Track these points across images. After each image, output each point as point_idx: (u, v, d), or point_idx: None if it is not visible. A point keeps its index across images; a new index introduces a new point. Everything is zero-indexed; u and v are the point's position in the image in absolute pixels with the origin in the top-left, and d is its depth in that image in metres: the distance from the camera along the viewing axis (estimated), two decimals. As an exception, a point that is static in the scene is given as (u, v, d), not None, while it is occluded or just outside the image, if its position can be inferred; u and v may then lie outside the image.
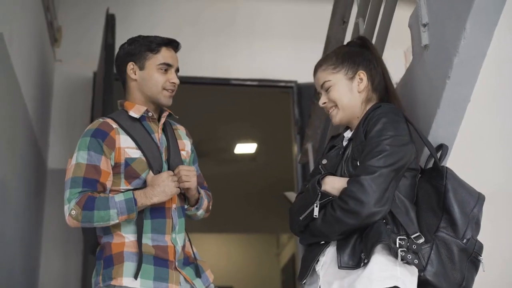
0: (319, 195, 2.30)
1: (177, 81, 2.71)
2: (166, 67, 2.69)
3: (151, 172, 2.62)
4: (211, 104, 6.68)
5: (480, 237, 2.33)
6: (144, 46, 2.71)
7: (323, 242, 2.34)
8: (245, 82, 5.57)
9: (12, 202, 3.98)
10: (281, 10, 5.90)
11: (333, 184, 2.32)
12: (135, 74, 2.71)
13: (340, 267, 2.22)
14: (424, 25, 2.45)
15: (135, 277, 2.56)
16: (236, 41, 5.71)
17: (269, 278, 10.82)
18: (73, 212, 2.52)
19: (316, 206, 2.30)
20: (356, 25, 3.26)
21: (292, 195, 4.09)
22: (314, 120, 4.04)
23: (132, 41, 2.76)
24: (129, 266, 2.59)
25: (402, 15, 3.04)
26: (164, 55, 2.71)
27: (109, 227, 2.62)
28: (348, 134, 2.49)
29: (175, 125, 2.87)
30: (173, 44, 2.75)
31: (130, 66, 2.71)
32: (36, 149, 4.70)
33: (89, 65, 5.29)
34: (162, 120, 2.74)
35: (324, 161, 2.49)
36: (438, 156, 2.43)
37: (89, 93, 5.33)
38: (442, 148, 2.46)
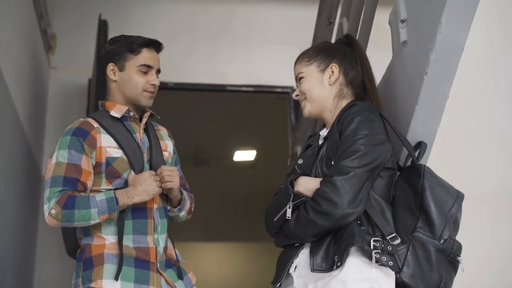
0: (292, 196, 2.25)
1: (157, 82, 2.68)
2: (146, 68, 2.65)
3: (132, 171, 2.59)
4: (208, 111, 6.65)
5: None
6: (125, 47, 2.68)
7: (297, 244, 2.28)
8: (241, 88, 5.54)
9: (4, 210, 3.96)
10: (277, 15, 5.87)
11: (306, 185, 2.27)
12: (115, 75, 2.68)
13: (313, 270, 2.16)
14: (403, 21, 2.41)
15: (116, 278, 2.52)
16: (233, 47, 5.68)
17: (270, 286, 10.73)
18: (53, 211, 2.48)
19: (289, 207, 2.24)
20: (340, 24, 3.23)
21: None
22: (303, 123, 4.01)
23: (113, 41, 2.74)
24: (109, 268, 2.55)
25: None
26: (145, 56, 2.67)
27: (89, 229, 2.58)
28: (324, 132, 2.45)
29: (157, 126, 2.85)
30: (155, 45, 2.71)
31: (110, 67, 2.68)
32: (29, 155, 4.69)
33: (84, 72, 5.28)
34: (144, 120, 2.71)
35: (300, 161, 2.44)
36: (417, 154, 2.38)
37: (84, 100, 5.30)
38: (421, 146, 2.41)
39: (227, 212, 8.37)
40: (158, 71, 2.72)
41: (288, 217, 2.24)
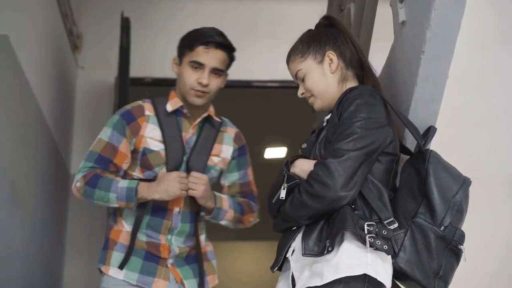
0: (286, 177, 2.22)
1: (205, 81, 2.63)
2: (197, 65, 2.63)
3: (164, 168, 2.59)
4: (235, 107, 6.64)
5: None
6: (186, 42, 2.70)
7: (294, 228, 2.25)
8: (267, 84, 5.52)
9: (32, 208, 4.01)
10: (303, 12, 5.82)
11: (302, 167, 2.24)
12: (176, 69, 2.72)
13: (304, 254, 2.12)
14: (401, 1, 2.36)
15: (121, 268, 2.55)
16: (259, 43, 5.67)
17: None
18: (78, 184, 2.61)
19: (284, 189, 2.21)
20: (348, 10, 3.19)
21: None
22: (319, 113, 3.95)
23: (186, 34, 2.75)
24: (116, 256, 2.61)
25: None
26: (199, 53, 2.65)
27: (118, 210, 2.67)
28: (328, 116, 2.41)
29: (225, 127, 2.81)
30: (215, 43, 2.68)
31: (174, 60, 2.75)
32: (56, 154, 4.74)
33: (111, 70, 5.32)
34: (198, 119, 2.69)
35: (304, 145, 2.41)
36: (424, 139, 2.33)
37: (111, 99, 5.35)
38: (429, 131, 2.35)
39: (259, 210, 8.28)
40: (218, 70, 2.67)
41: (281, 197, 2.21)
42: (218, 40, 2.69)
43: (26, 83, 3.90)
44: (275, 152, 8.08)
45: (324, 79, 2.37)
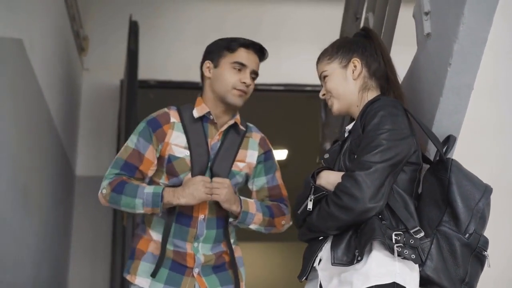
0: (313, 189, 2.27)
1: (248, 81, 2.66)
2: (240, 66, 2.65)
3: (190, 174, 2.62)
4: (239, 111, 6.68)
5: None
6: (224, 45, 2.70)
7: (321, 237, 2.29)
8: (271, 87, 5.55)
9: (37, 210, 4.04)
10: (306, 14, 5.87)
11: (328, 179, 2.28)
12: (210, 72, 2.70)
13: (333, 263, 2.17)
14: (426, 14, 2.41)
15: (153, 276, 2.57)
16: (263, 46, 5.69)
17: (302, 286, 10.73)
18: (104, 191, 2.61)
19: (310, 200, 2.26)
20: (366, 19, 3.23)
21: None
22: (331, 119, 4.02)
23: (215, 41, 2.76)
24: (144, 266, 2.62)
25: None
26: (241, 54, 2.67)
27: (146, 220, 2.68)
28: (349, 126, 2.45)
29: (250, 132, 2.81)
30: (254, 47, 2.72)
31: (206, 64, 2.72)
32: (63, 156, 4.77)
33: (116, 73, 5.35)
34: (224, 126, 2.70)
35: (326, 156, 2.44)
36: (445, 148, 2.37)
37: (116, 101, 5.38)
38: (449, 140, 2.40)
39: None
40: (255, 74, 2.71)
41: (309, 208, 2.26)
42: (257, 44, 2.74)
43: (38, 88, 3.92)
44: (276, 155, 8.06)
45: (345, 83, 2.42)
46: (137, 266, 2.62)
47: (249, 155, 2.76)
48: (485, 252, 2.22)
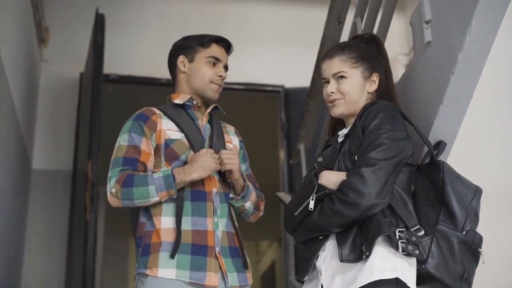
0: (316, 188, 2.30)
1: (224, 74, 2.79)
2: (215, 60, 2.77)
3: (191, 151, 2.64)
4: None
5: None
6: (196, 41, 2.81)
7: (321, 237, 2.33)
8: (232, 85, 5.55)
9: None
10: (269, 14, 5.91)
11: (330, 178, 2.32)
12: (185, 67, 2.79)
13: (342, 260, 2.21)
14: (427, 22, 2.46)
15: (172, 256, 2.52)
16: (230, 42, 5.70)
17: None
18: (113, 190, 2.58)
19: (312, 199, 2.29)
20: (354, 24, 3.27)
21: (284, 195, 4.08)
22: (307, 121, 4.04)
23: (185, 37, 2.87)
24: (164, 256, 2.56)
25: (392, 23, 3.06)
26: (214, 50, 2.79)
27: (150, 212, 2.63)
28: (343, 132, 2.50)
29: (224, 124, 2.92)
30: (224, 42, 2.85)
31: (181, 59, 2.80)
32: (22, 149, 4.65)
33: (76, 66, 5.27)
34: (208, 109, 2.79)
35: (320, 159, 2.49)
36: (436, 152, 2.45)
37: (75, 94, 5.29)
38: (440, 144, 2.48)
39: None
40: (226, 68, 2.82)
41: (310, 208, 2.29)
42: (226, 40, 2.86)
43: (5, 77, 3.81)
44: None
45: (361, 93, 2.47)
46: (156, 258, 2.55)
47: (233, 139, 2.88)
48: (480, 249, 2.32)
